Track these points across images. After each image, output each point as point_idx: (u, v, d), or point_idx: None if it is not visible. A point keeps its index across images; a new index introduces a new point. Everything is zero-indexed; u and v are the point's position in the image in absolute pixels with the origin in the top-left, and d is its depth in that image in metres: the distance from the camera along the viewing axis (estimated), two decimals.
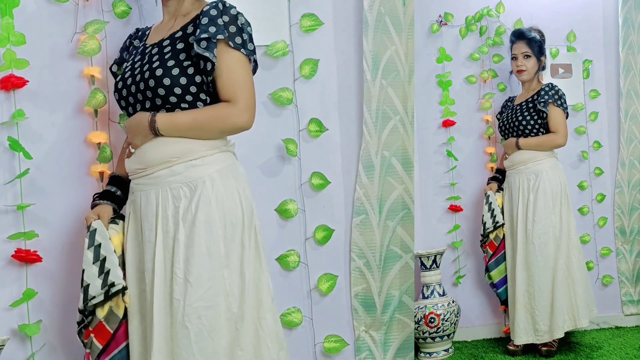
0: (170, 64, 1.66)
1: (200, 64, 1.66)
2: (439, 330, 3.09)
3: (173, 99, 1.66)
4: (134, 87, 1.70)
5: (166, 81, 1.64)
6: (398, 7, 2.51)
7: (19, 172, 1.87)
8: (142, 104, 1.70)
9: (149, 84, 1.66)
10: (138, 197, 1.70)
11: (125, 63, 1.83)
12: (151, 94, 1.66)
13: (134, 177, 1.72)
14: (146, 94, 1.67)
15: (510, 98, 3.39)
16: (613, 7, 3.75)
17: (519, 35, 3.23)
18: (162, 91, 1.65)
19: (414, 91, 2.57)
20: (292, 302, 2.33)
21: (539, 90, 3.19)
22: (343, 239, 2.45)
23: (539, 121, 3.14)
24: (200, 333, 1.59)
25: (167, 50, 1.69)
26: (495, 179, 3.31)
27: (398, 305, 2.50)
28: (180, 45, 1.69)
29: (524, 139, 3.14)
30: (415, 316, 3.04)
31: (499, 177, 3.31)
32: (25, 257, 1.86)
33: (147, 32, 1.90)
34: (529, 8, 3.57)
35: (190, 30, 1.70)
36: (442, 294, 3.17)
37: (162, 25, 1.84)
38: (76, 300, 1.71)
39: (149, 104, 1.68)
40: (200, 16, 1.68)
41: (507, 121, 3.23)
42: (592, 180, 3.68)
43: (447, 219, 3.44)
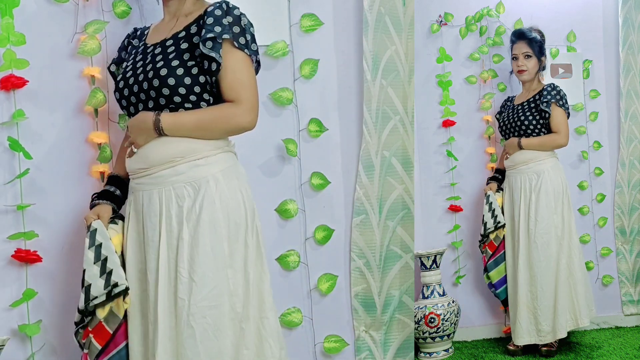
0: (174, 63, 1.65)
1: (205, 64, 1.66)
2: (439, 330, 3.09)
3: (177, 99, 1.65)
4: (136, 87, 1.70)
5: (171, 81, 1.64)
6: (398, 7, 2.50)
7: (19, 172, 1.87)
8: (145, 104, 1.69)
9: (152, 84, 1.65)
10: (140, 196, 1.70)
11: (125, 63, 1.82)
12: (155, 93, 1.66)
13: (136, 176, 1.71)
14: (149, 94, 1.67)
15: (509, 98, 3.39)
16: (613, 7, 3.75)
17: (519, 36, 3.23)
18: (167, 91, 1.64)
19: (414, 91, 2.57)
20: (292, 302, 2.32)
21: (540, 91, 3.19)
22: (343, 239, 2.45)
23: (541, 121, 3.14)
24: (205, 332, 1.59)
25: (171, 50, 1.69)
26: (494, 179, 3.30)
27: (398, 305, 2.50)
28: (185, 45, 1.69)
29: (526, 138, 3.14)
30: (415, 316, 3.04)
31: (498, 177, 3.30)
32: (25, 257, 1.86)
33: (145, 32, 1.89)
34: (529, 8, 3.57)
35: (194, 30, 1.70)
36: (442, 294, 3.17)
37: (163, 25, 1.83)
38: (76, 300, 1.71)
39: (152, 103, 1.68)
40: (205, 16, 1.68)
41: (507, 121, 3.23)
42: (592, 180, 3.67)
43: (447, 219, 3.44)
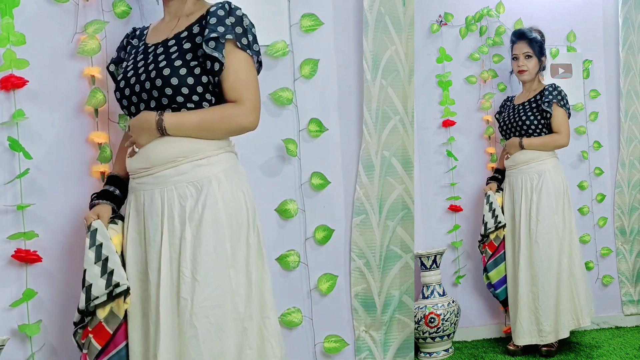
0: (177, 63, 1.65)
1: (207, 64, 1.66)
2: (439, 330, 3.09)
3: (180, 99, 1.65)
4: (138, 87, 1.69)
5: (174, 81, 1.64)
6: (398, 7, 2.50)
7: (19, 172, 1.87)
8: (147, 104, 1.69)
9: (155, 84, 1.65)
10: (141, 196, 1.69)
11: (125, 62, 1.82)
12: (157, 93, 1.66)
13: (137, 176, 1.71)
14: (152, 94, 1.67)
15: (509, 98, 3.38)
16: (613, 7, 3.75)
17: (520, 36, 3.23)
18: (170, 91, 1.64)
19: (414, 91, 2.57)
20: (292, 302, 2.32)
21: (542, 91, 3.18)
22: (343, 239, 2.45)
23: (542, 121, 3.14)
24: (208, 332, 1.59)
25: (174, 50, 1.69)
26: (494, 179, 3.30)
27: (398, 305, 2.50)
28: (187, 45, 1.68)
29: (527, 138, 3.14)
30: (415, 316, 3.04)
31: (498, 177, 3.30)
32: (25, 257, 1.86)
33: (145, 32, 1.88)
34: (529, 8, 3.57)
35: (197, 30, 1.70)
36: (442, 294, 3.17)
37: (163, 25, 1.82)
38: (76, 300, 1.71)
39: (154, 103, 1.68)
40: (208, 16, 1.68)
41: (508, 121, 3.23)
42: (592, 180, 3.67)
43: (447, 219, 3.44)
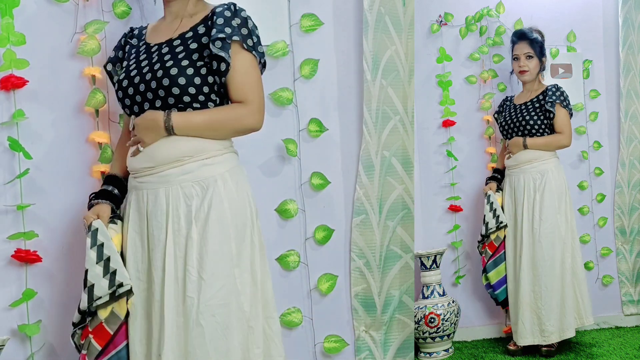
0: (184, 63, 1.65)
1: (214, 65, 1.67)
2: (439, 330, 3.09)
3: (187, 99, 1.65)
4: (143, 86, 1.69)
5: (181, 81, 1.64)
6: (398, 7, 2.50)
7: (19, 172, 1.87)
8: (152, 103, 1.68)
9: (162, 83, 1.65)
10: (143, 195, 1.69)
11: (125, 62, 1.81)
12: (164, 93, 1.65)
13: (140, 175, 1.70)
14: (158, 93, 1.66)
15: (508, 97, 3.38)
16: (613, 7, 3.75)
17: (521, 36, 3.23)
18: (177, 90, 1.64)
19: (414, 91, 2.57)
20: (292, 302, 2.33)
21: (544, 91, 3.18)
22: (343, 239, 2.45)
23: (545, 121, 3.14)
24: (215, 331, 1.59)
25: (180, 50, 1.69)
26: (494, 179, 3.30)
27: (398, 305, 2.50)
28: (194, 46, 1.69)
29: (531, 138, 3.13)
30: (415, 316, 3.04)
31: (497, 177, 3.30)
32: (25, 257, 1.86)
33: (143, 32, 1.87)
34: (529, 8, 3.57)
35: (202, 30, 1.70)
36: (442, 294, 3.17)
37: (164, 25, 1.82)
38: (76, 300, 1.71)
39: (159, 103, 1.67)
40: (214, 17, 1.69)
41: (510, 121, 3.22)
42: (592, 180, 3.67)
43: (447, 219, 3.44)
